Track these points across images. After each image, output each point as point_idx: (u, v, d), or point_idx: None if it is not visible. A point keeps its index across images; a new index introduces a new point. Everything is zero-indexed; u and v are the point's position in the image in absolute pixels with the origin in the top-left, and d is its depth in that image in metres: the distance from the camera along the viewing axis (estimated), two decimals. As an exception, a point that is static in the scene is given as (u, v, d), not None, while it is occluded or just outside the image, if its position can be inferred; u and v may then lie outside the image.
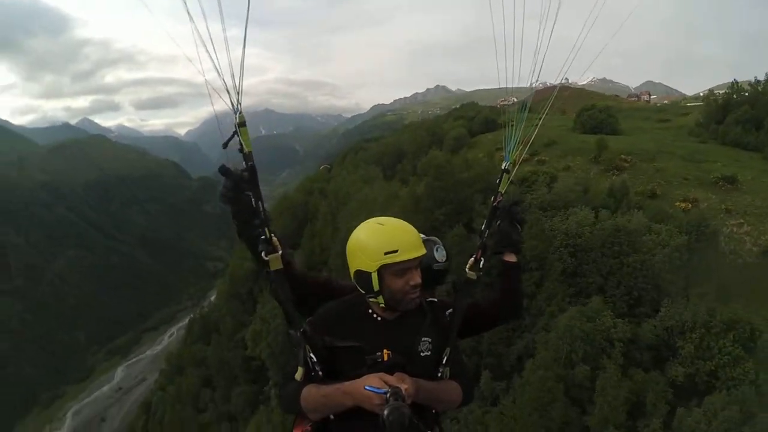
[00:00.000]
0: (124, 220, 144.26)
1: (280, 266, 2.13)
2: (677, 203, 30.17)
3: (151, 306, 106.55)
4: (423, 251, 2.15)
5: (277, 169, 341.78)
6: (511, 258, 2.56)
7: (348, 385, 1.99)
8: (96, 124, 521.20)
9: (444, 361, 2.27)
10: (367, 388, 1.90)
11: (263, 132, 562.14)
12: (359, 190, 45.84)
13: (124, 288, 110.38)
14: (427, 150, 45.71)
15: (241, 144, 2.01)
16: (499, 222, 2.54)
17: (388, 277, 2.10)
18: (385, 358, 2.07)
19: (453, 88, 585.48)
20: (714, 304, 19.66)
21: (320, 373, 2.11)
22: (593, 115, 53.33)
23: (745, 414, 15.61)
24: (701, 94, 50.47)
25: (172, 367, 51.73)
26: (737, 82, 48.75)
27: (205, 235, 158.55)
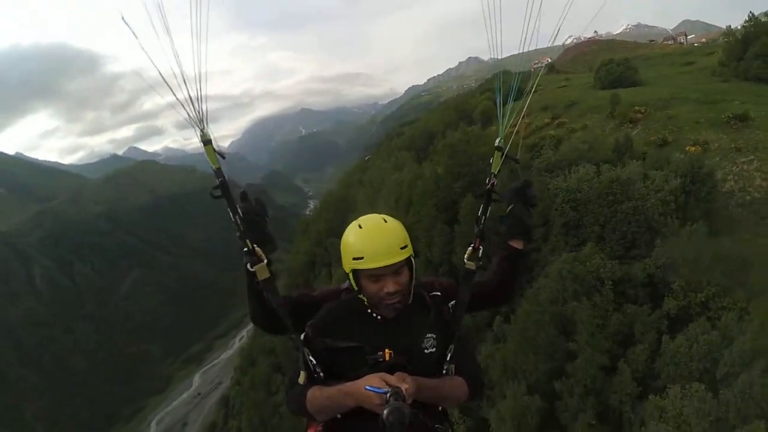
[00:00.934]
0: (180, 235, 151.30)
1: (268, 275, 2.18)
2: (688, 147, 30.68)
3: (218, 313, 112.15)
4: (396, 259, 2.07)
5: (322, 166, 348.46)
6: (518, 245, 2.47)
7: (349, 386, 1.99)
8: (142, 150, 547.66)
9: (449, 358, 2.26)
10: (368, 388, 1.91)
11: (303, 132, 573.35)
12: (390, 175, 47.87)
13: (189, 299, 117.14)
14: (457, 127, 46.52)
15: (210, 162, 2.05)
16: (511, 206, 2.46)
17: (362, 280, 2.11)
18: (387, 357, 2.08)
19: (485, 57, 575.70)
20: (705, 239, 20.80)
21: (321, 375, 2.14)
22: (611, 70, 53.25)
23: (726, 338, 16.93)
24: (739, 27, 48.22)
25: (244, 361, 55.10)
26: (754, 15, 47.18)
27: None
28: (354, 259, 2.07)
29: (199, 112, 2.01)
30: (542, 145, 33.38)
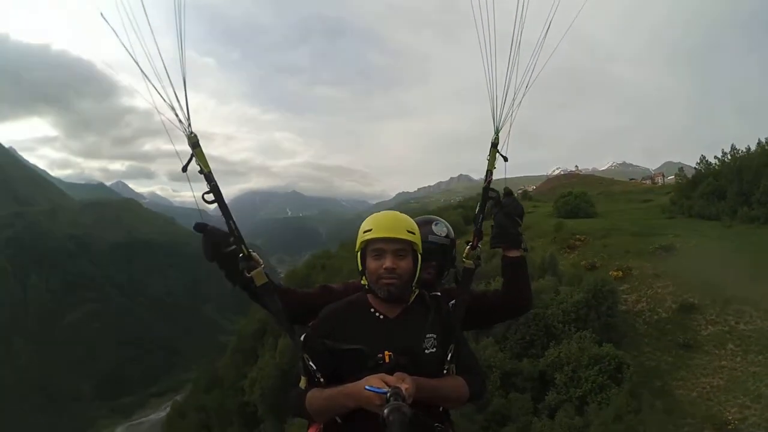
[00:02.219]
0: (145, 283, 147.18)
1: (265, 280, 2.31)
2: (611, 272, 34.47)
3: (160, 370, 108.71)
4: (399, 235, 2.19)
5: (300, 250, 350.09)
6: (511, 253, 2.55)
7: (349, 387, 2.03)
8: (129, 188, 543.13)
9: (449, 358, 2.28)
10: (368, 388, 1.92)
11: (289, 213, 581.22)
12: (349, 264, 51.09)
13: (135, 348, 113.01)
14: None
15: (200, 165, 2.11)
16: (495, 215, 2.56)
17: (368, 258, 2.25)
18: (387, 359, 2.10)
19: (476, 177, 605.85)
20: (591, 344, 23.99)
21: (321, 380, 2.17)
22: (568, 201, 58.50)
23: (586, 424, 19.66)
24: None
25: (175, 413, 54.69)
26: (704, 157, 52.90)
27: (223, 309, 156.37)
28: (364, 232, 2.22)
29: (186, 117, 2.01)
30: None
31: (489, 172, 2.45)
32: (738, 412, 21.72)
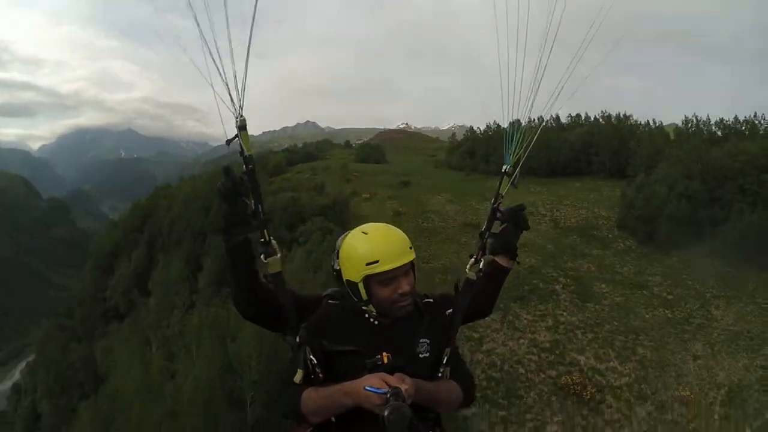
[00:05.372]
0: None
1: (280, 269, 2.25)
2: (363, 194, 53.08)
3: None
4: (409, 258, 2.18)
5: (134, 196, 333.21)
6: (504, 262, 2.62)
7: (348, 386, 2.03)
8: None
9: (444, 362, 2.34)
10: (367, 388, 1.93)
11: (123, 154, 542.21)
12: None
13: None
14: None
15: (241, 147, 2.12)
16: (503, 225, 2.61)
17: (374, 286, 2.16)
18: (385, 360, 2.12)
19: (323, 125, 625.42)
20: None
21: (321, 375, 2.17)
22: (363, 149, 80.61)
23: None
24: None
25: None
26: (472, 127, 77.81)
27: (51, 260, 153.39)
28: (368, 264, 2.12)
29: (239, 98, 2.08)
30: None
31: (499, 195, 2.52)
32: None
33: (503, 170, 2.49)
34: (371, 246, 2.14)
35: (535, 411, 25.34)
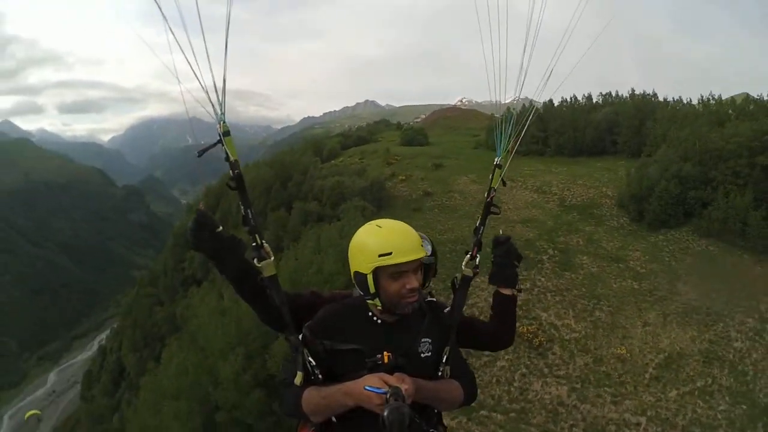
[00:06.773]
0: (49, 227, 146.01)
1: (274, 272, 2.31)
2: (399, 177, 57.48)
3: (79, 313, 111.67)
4: (420, 254, 2.24)
5: (202, 179, 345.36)
6: (505, 291, 2.69)
7: (348, 386, 2.08)
8: (17, 127, 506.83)
9: (444, 360, 2.39)
10: (367, 388, 1.98)
11: (190, 141, 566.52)
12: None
13: (51, 295, 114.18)
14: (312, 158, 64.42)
15: (227, 152, 2.19)
16: (494, 256, 2.72)
17: (383, 279, 2.20)
18: (386, 360, 2.18)
19: (382, 103, 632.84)
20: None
21: (320, 376, 2.23)
22: (407, 133, 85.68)
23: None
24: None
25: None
26: (509, 109, 79.44)
27: (130, 243, 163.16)
28: (380, 255, 2.16)
29: (221, 104, 2.13)
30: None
31: (492, 188, 2.61)
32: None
33: (495, 163, 2.68)
34: (385, 238, 2.20)
35: (491, 350, 30.13)
